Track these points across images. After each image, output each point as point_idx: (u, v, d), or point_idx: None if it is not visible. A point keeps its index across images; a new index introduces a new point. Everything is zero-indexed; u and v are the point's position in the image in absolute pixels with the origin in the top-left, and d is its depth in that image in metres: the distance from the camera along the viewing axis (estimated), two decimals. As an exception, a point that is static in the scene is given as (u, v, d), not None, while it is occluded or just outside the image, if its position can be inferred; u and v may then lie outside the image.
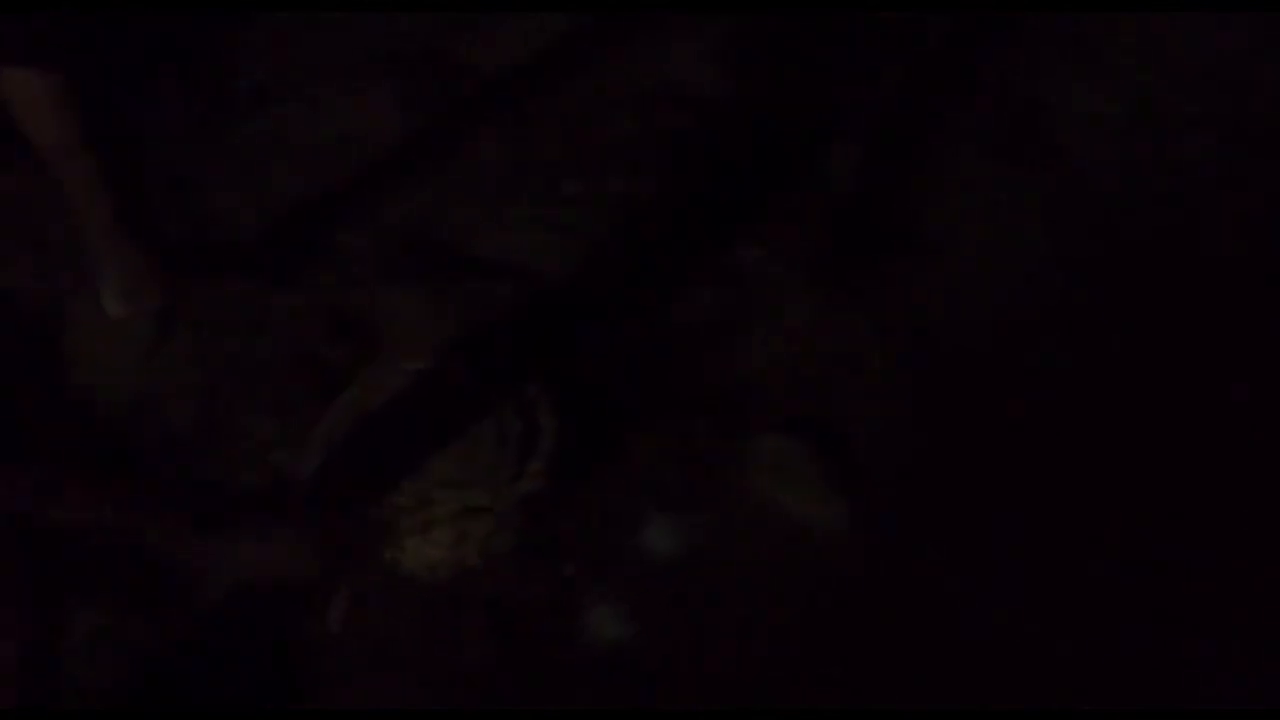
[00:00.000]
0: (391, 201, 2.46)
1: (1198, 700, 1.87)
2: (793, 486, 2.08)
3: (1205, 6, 2.82)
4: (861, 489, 2.09)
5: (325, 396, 2.12)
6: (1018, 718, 1.86)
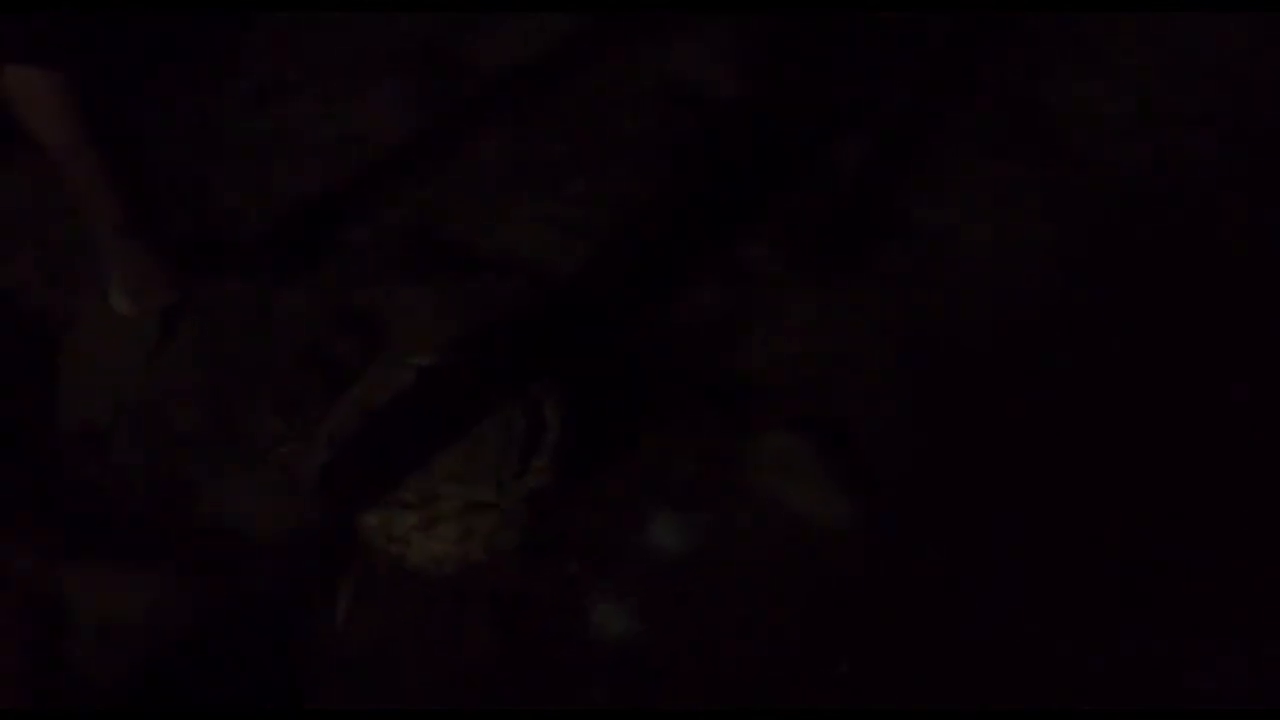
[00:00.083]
0: (394, 200, 2.46)
1: (1198, 700, 1.88)
2: (796, 485, 2.09)
3: (1205, 6, 2.82)
4: (864, 488, 2.10)
5: (331, 394, 2.13)
6: (1018, 718, 1.87)
